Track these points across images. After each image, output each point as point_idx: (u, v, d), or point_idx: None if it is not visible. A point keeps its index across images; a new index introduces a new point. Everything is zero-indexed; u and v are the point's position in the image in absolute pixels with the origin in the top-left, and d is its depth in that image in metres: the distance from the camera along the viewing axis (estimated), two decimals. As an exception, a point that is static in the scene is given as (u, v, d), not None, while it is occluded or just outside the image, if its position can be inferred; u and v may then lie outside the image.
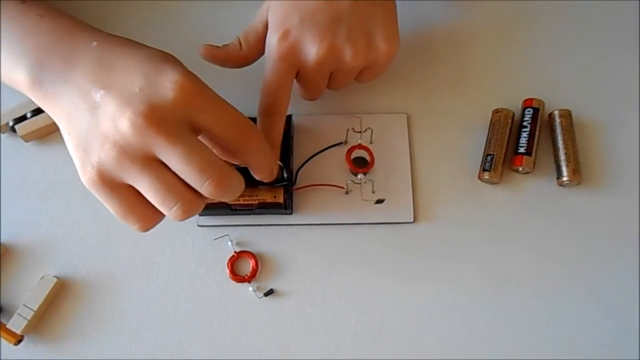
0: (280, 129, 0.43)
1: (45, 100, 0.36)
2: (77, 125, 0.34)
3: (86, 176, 0.34)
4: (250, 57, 0.45)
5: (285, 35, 0.41)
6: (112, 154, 0.33)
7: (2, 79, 0.39)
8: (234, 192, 0.36)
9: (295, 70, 0.43)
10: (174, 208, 0.34)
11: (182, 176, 0.34)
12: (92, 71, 0.35)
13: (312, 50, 0.41)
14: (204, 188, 0.34)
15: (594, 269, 0.45)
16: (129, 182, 0.34)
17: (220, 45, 0.44)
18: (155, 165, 0.33)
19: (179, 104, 0.33)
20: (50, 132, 0.48)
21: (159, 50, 0.36)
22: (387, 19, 0.43)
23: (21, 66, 0.36)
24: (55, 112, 0.36)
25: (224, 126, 0.35)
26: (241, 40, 0.44)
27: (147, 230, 0.36)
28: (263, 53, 0.44)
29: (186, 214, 0.35)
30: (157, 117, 0.32)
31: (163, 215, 0.36)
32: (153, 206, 0.35)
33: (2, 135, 0.49)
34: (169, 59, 0.35)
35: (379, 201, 0.45)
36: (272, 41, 0.42)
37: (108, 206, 0.35)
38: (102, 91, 0.34)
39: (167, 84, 0.33)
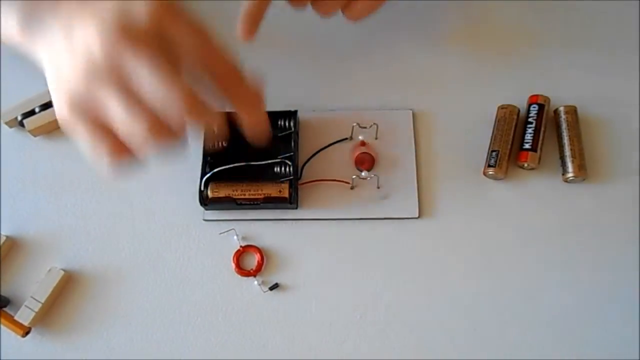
0: (263, 9, 0.42)
1: (33, 46, 0.37)
2: (56, 62, 0.36)
3: (61, 112, 0.35)
4: None
5: None
6: (81, 76, 0.34)
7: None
8: (205, 113, 0.35)
9: None
10: (144, 129, 0.34)
11: (151, 91, 0.33)
12: (77, 7, 0.35)
13: None
14: (174, 104, 0.33)
15: (598, 265, 0.45)
16: (101, 109, 0.34)
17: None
18: (127, 87, 0.34)
19: (151, 19, 0.34)
20: (59, 127, 0.48)
21: None
22: None
23: (11, 14, 0.37)
24: (42, 55, 0.37)
25: (195, 40, 0.35)
26: None
27: (117, 168, 0.36)
28: None
29: (157, 137, 0.34)
30: (128, 33, 0.33)
31: (133, 154, 0.35)
32: (124, 142, 0.35)
33: (11, 130, 0.49)
34: None
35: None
36: None
37: (80, 140, 0.35)
38: (81, 24, 0.35)
39: (141, 7, 0.34)
